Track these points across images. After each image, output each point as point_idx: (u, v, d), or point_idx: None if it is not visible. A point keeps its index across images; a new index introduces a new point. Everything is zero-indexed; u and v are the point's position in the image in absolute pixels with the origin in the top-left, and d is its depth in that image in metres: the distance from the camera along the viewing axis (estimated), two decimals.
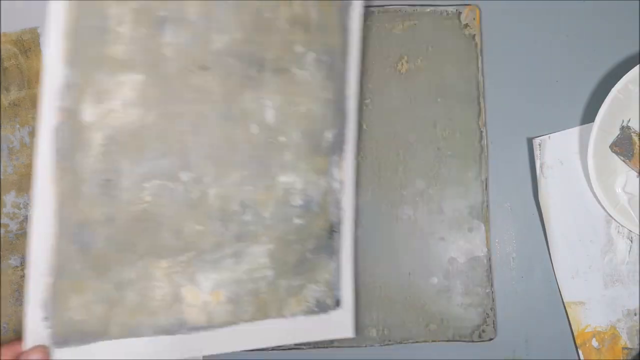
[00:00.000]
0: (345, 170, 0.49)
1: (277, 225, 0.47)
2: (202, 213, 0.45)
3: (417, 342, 0.51)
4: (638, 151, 0.51)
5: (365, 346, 0.51)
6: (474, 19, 0.53)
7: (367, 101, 0.52)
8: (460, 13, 0.53)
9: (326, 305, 0.49)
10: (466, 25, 0.53)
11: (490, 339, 0.51)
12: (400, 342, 0.51)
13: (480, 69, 0.52)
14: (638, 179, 0.51)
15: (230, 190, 0.46)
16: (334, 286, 0.49)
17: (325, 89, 0.48)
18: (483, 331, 0.51)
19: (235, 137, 0.45)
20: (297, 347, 0.51)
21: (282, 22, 0.46)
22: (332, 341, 0.51)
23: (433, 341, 0.52)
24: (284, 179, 0.47)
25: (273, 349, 0.51)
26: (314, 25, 0.47)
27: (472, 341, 0.51)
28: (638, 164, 0.51)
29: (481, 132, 0.52)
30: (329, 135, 0.48)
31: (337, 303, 0.49)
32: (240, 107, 0.45)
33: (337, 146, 0.49)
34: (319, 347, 0.51)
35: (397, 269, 0.52)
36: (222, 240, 0.46)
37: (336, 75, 0.48)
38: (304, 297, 0.48)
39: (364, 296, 0.52)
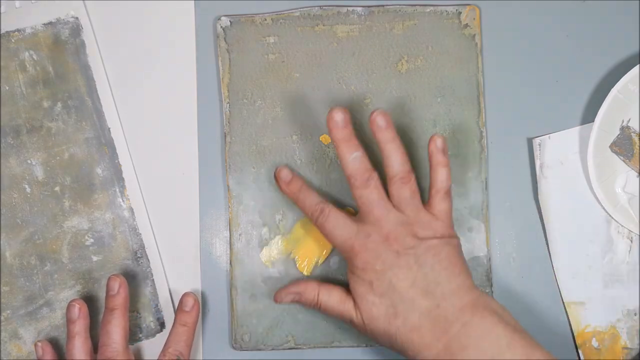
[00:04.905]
0: (133, 197, 0.52)
1: (78, 267, 0.52)
2: (5, 274, 0.51)
3: None
4: (638, 151, 0.51)
5: (366, 346, 0.51)
6: (474, 19, 0.53)
7: (367, 101, 0.52)
8: (460, 13, 0.53)
9: (150, 329, 0.52)
10: (466, 25, 0.53)
11: None
12: None
13: (480, 69, 0.52)
14: (638, 179, 0.51)
15: (24, 248, 0.51)
16: (154, 309, 0.52)
17: (81, 129, 0.52)
18: None
19: (12, 201, 0.52)
20: (297, 347, 0.51)
21: (22, 88, 0.52)
22: (332, 341, 0.51)
23: None
24: (70, 223, 0.52)
25: (272, 349, 0.51)
26: (53, 78, 0.51)
27: None
28: (638, 164, 0.51)
29: (481, 132, 0.52)
30: (99, 170, 0.52)
31: (162, 325, 0.52)
32: (9, 175, 0.52)
33: (115, 177, 0.52)
34: (318, 347, 0.51)
35: None
36: (30, 294, 0.51)
37: (88, 114, 0.52)
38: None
39: None
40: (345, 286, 0.48)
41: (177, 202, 0.53)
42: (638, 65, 0.50)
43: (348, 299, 0.47)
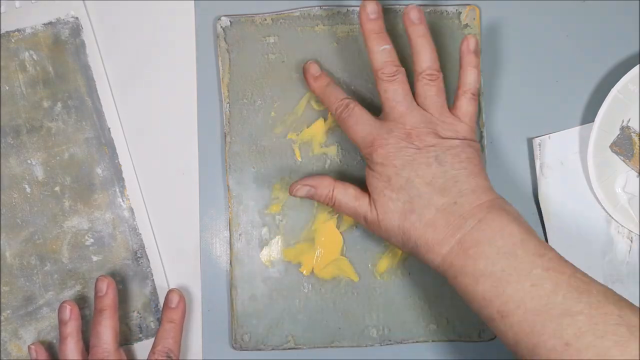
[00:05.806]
0: (133, 197, 0.52)
1: (78, 267, 0.52)
2: (5, 274, 0.51)
3: (417, 342, 0.51)
4: (638, 151, 0.51)
5: (366, 346, 0.51)
6: (474, 19, 0.53)
7: (368, 101, 0.52)
8: (460, 13, 0.53)
9: (150, 329, 0.52)
10: (466, 25, 0.53)
11: (491, 339, 0.51)
12: (400, 342, 0.51)
13: (480, 69, 0.52)
14: (638, 179, 0.52)
15: (24, 248, 0.51)
16: (154, 309, 0.52)
17: (81, 129, 0.52)
18: (483, 331, 0.51)
19: (12, 201, 0.52)
20: (297, 347, 0.51)
21: (22, 88, 0.52)
22: (332, 341, 0.51)
23: (433, 341, 0.52)
24: (70, 223, 0.52)
25: (272, 349, 0.51)
26: (53, 78, 0.51)
27: (473, 341, 0.51)
28: (638, 164, 0.51)
29: (481, 132, 0.52)
30: (99, 170, 0.52)
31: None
32: (9, 175, 0.52)
33: (115, 177, 0.52)
34: (318, 347, 0.51)
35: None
36: (30, 294, 0.51)
37: (88, 114, 0.52)
38: (128, 326, 0.52)
39: (365, 296, 0.52)
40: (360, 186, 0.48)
41: (177, 202, 0.53)
42: (638, 65, 0.50)
43: (363, 195, 0.46)
